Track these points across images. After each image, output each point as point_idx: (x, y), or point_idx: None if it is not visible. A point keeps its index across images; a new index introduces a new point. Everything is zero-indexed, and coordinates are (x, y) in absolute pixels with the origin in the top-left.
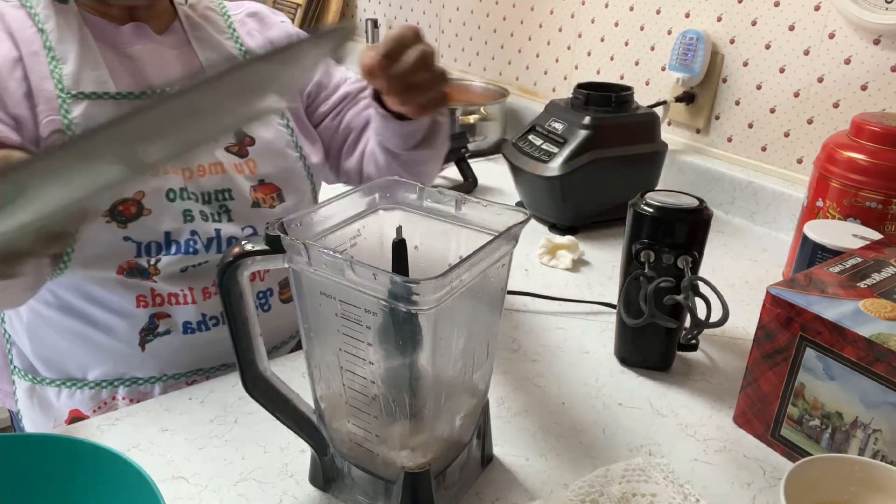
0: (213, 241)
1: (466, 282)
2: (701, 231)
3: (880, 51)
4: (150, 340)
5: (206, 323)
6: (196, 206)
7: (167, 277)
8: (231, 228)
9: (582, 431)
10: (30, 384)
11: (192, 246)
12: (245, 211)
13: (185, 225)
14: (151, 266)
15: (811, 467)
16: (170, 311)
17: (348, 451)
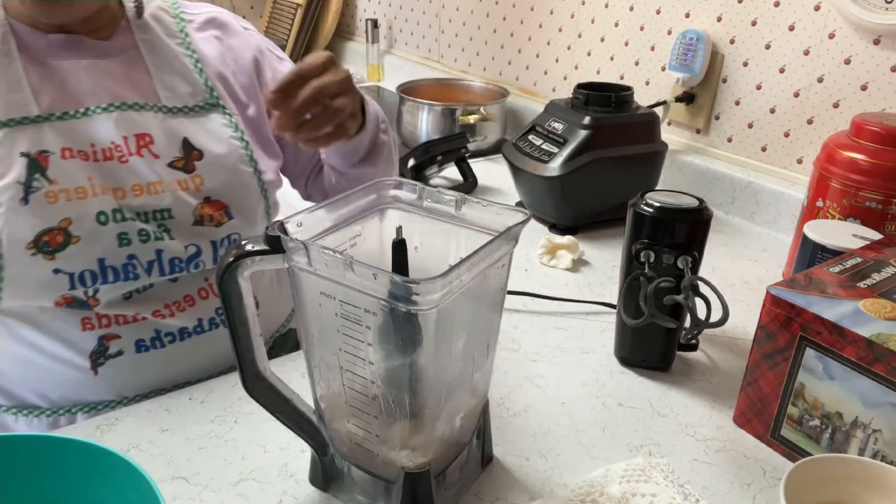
0: (155, 264)
1: (466, 282)
2: (701, 231)
3: (880, 51)
4: (101, 363)
5: (160, 340)
6: (133, 225)
7: (110, 305)
8: (173, 247)
9: (582, 431)
10: None
11: (132, 271)
12: (187, 229)
13: (120, 249)
14: (90, 298)
15: (811, 467)
16: (119, 331)
17: (348, 451)
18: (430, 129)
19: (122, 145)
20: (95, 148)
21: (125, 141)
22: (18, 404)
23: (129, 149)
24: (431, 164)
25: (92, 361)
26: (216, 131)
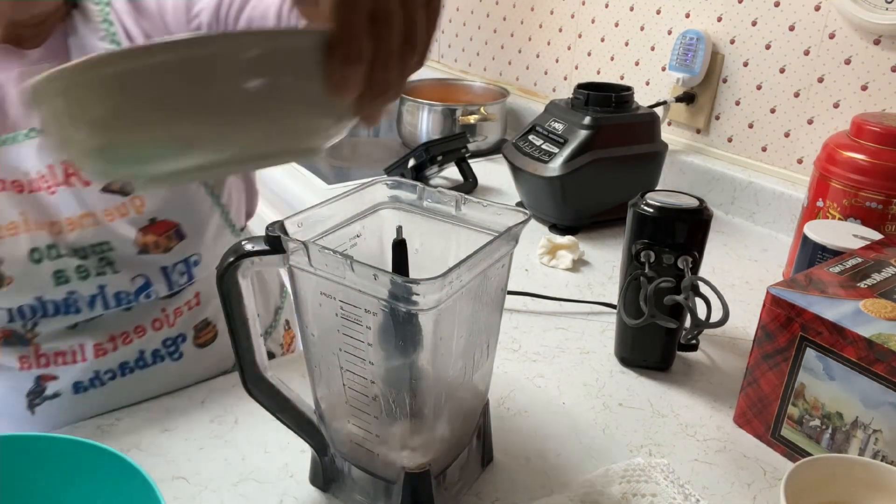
0: (98, 298)
1: (466, 282)
2: (701, 231)
3: (880, 51)
4: (38, 404)
5: (100, 379)
6: (70, 262)
7: (50, 337)
8: (118, 281)
9: (582, 431)
10: None
11: (73, 305)
12: (131, 260)
13: (58, 287)
14: (28, 331)
15: (811, 467)
16: (56, 371)
17: (348, 452)
18: (431, 130)
19: (48, 174)
20: (30, 177)
21: (50, 170)
22: None
23: (55, 178)
24: (431, 164)
25: (28, 401)
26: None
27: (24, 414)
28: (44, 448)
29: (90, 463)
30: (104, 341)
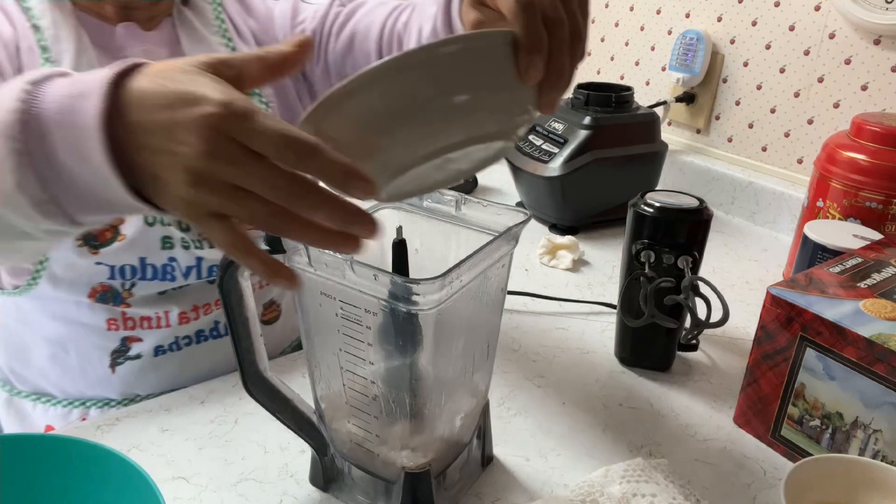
0: (193, 269)
1: (467, 282)
2: (701, 231)
3: (880, 51)
4: (120, 363)
5: (178, 344)
6: (177, 232)
7: (141, 301)
8: (214, 255)
9: (582, 431)
10: (7, 395)
11: (170, 273)
12: None
13: (163, 251)
14: (125, 290)
15: (811, 467)
16: (141, 334)
17: (348, 452)
18: None
19: None
20: None
21: None
22: (36, 391)
23: None
24: None
25: (111, 360)
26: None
27: (105, 371)
28: (44, 448)
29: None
30: (188, 310)
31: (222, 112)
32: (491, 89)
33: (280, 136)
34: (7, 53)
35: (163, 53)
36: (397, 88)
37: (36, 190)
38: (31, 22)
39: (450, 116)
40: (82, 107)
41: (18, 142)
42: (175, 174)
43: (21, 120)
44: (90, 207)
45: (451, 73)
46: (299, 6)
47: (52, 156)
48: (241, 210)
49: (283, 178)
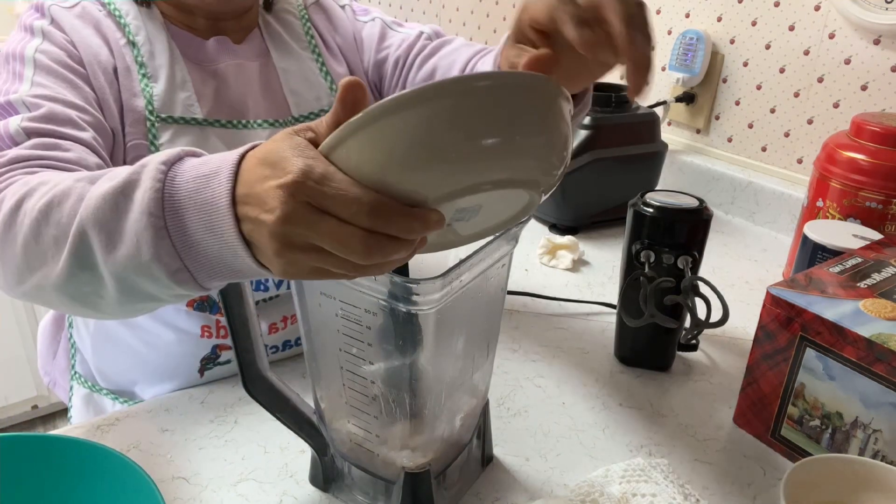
0: (284, 280)
1: (466, 282)
2: (701, 231)
3: (880, 51)
4: (209, 368)
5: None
6: None
7: None
8: None
9: (582, 431)
10: (88, 391)
11: (263, 283)
12: None
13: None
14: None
15: (811, 467)
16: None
17: (348, 452)
18: None
19: None
20: None
21: None
22: (119, 390)
23: None
24: None
25: (201, 365)
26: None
27: (193, 375)
28: (44, 448)
29: (90, 463)
30: (277, 321)
31: (299, 178)
32: (522, 131)
33: (351, 199)
34: (106, 78)
35: (254, 66)
36: (426, 114)
37: (171, 260)
38: (129, 38)
39: (476, 154)
40: (213, 187)
41: (158, 218)
42: (263, 239)
43: (159, 199)
44: (219, 275)
45: (483, 110)
46: (387, 32)
47: (185, 229)
48: (329, 266)
49: (355, 237)
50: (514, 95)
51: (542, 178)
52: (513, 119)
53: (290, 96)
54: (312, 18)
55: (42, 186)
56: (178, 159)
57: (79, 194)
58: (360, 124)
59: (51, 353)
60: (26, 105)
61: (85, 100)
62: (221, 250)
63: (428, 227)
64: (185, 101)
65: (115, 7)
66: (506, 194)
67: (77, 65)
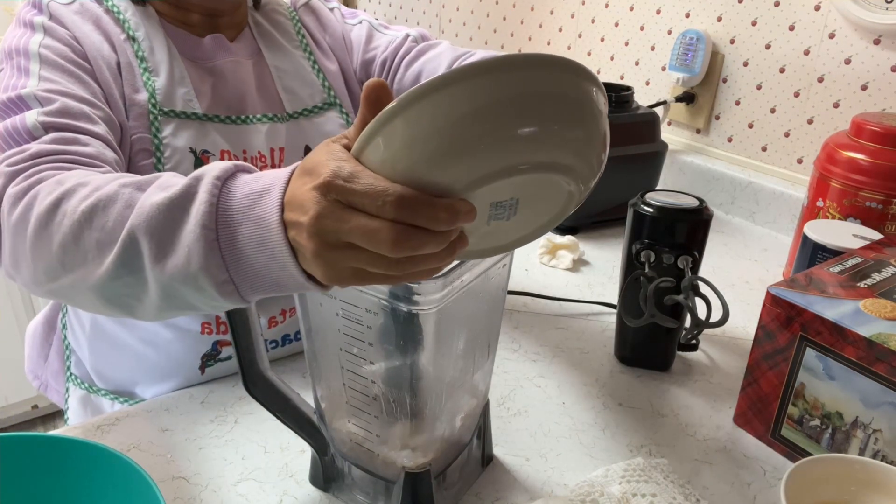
0: None
1: (467, 282)
2: (701, 231)
3: (880, 51)
4: (210, 365)
5: (266, 346)
6: None
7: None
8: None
9: (582, 431)
10: (85, 392)
11: None
12: None
13: None
14: None
15: (811, 467)
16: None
17: (349, 451)
18: None
19: (268, 157)
20: (246, 155)
21: (271, 153)
22: (118, 390)
23: (273, 161)
24: None
25: (202, 362)
26: (334, 133)
27: (195, 372)
28: (44, 448)
29: (90, 463)
30: (276, 314)
31: (329, 178)
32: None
33: (378, 193)
34: (111, 73)
35: (248, 63)
36: (441, 102)
37: (219, 272)
38: (129, 33)
39: (491, 135)
40: (265, 203)
41: (210, 231)
42: (303, 241)
43: (213, 212)
44: (262, 288)
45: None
46: (374, 34)
47: (236, 243)
48: (365, 265)
49: (383, 229)
50: (524, 74)
51: (575, 162)
52: (529, 99)
53: (284, 94)
54: (303, 19)
55: (81, 188)
56: (231, 175)
57: (126, 201)
58: (383, 121)
59: (42, 355)
60: (38, 100)
61: (93, 94)
62: (269, 264)
63: (456, 217)
64: (185, 97)
65: (112, 4)
66: (540, 185)
67: (82, 60)
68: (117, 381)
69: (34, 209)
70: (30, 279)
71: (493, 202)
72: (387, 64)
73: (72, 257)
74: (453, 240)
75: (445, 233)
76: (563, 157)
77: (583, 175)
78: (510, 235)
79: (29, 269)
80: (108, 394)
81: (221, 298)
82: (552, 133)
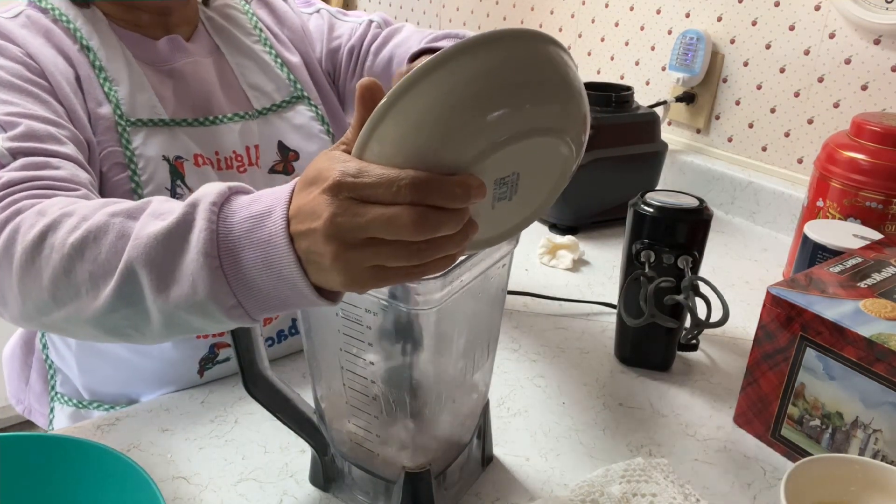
0: None
1: (467, 282)
2: (701, 231)
3: (880, 51)
4: (209, 368)
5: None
6: None
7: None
8: None
9: (582, 431)
10: (74, 409)
11: None
12: None
13: None
14: None
15: (811, 467)
16: (230, 339)
17: (349, 451)
18: None
19: (244, 156)
20: (219, 156)
21: (247, 151)
22: (112, 403)
23: (249, 159)
24: None
25: (200, 366)
26: (306, 126)
27: (193, 376)
28: (45, 448)
29: (90, 463)
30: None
31: (338, 178)
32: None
33: (391, 180)
34: (71, 88)
35: (208, 62)
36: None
37: (226, 298)
38: (82, 42)
39: (486, 106)
40: (268, 225)
41: (213, 258)
42: (319, 247)
43: (214, 239)
44: (271, 307)
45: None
46: (335, 23)
47: (241, 267)
48: (386, 260)
49: (402, 213)
50: (498, 46)
51: (564, 124)
52: (508, 67)
53: (250, 90)
54: (257, 13)
55: (66, 219)
56: (227, 199)
57: (118, 231)
58: (379, 116)
59: (22, 378)
60: (1, 125)
61: (56, 114)
62: (277, 284)
63: (469, 191)
64: (148, 104)
65: (59, 13)
66: (536, 154)
67: (39, 78)
68: (112, 394)
69: (17, 243)
70: (19, 315)
71: (497, 179)
72: (354, 52)
73: (64, 292)
74: (466, 222)
75: (461, 212)
76: (550, 115)
77: (572, 131)
78: (514, 217)
79: (17, 305)
80: (101, 406)
81: (230, 321)
82: (538, 94)
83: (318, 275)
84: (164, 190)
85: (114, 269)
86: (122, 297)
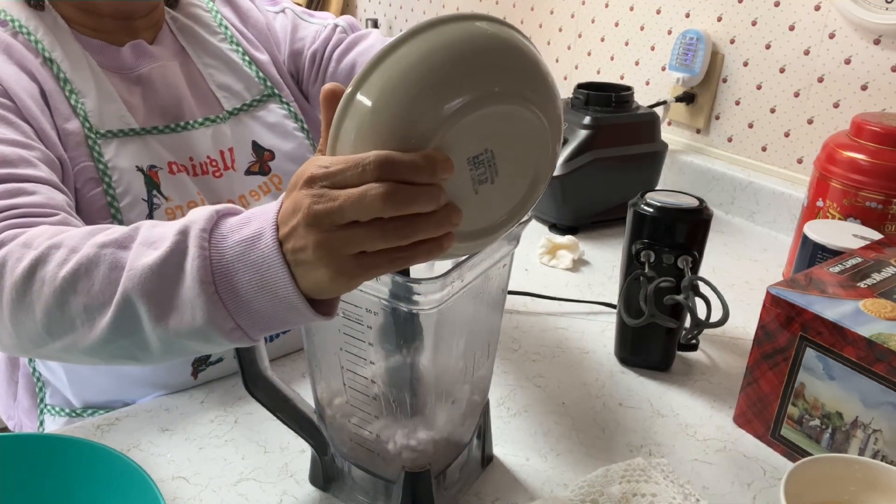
0: None
1: (468, 282)
2: (701, 231)
3: (880, 51)
4: (202, 370)
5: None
6: None
7: None
8: None
9: (582, 431)
10: (66, 419)
11: None
12: None
13: None
14: None
15: (811, 467)
16: None
17: (349, 451)
18: None
19: (219, 160)
20: (194, 162)
21: (221, 155)
22: (106, 406)
23: (224, 163)
24: None
25: (194, 368)
26: (280, 125)
27: (187, 378)
28: (45, 448)
29: (90, 463)
30: None
31: (311, 172)
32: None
33: (356, 163)
34: (37, 106)
35: (174, 65)
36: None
37: (225, 322)
38: (44, 55)
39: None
40: (260, 247)
41: (209, 284)
42: (301, 240)
43: (207, 266)
44: (270, 327)
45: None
46: (299, 23)
47: (236, 291)
48: (367, 243)
49: (371, 190)
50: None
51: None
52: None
53: (219, 91)
54: (221, 12)
55: (55, 251)
56: (216, 223)
57: (110, 263)
58: (342, 112)
59: (10, 394)
60: None
61: (25, 135)
62: (273, 304)
63: (434, 164)
64: (117, 113)
65: (20, 24)
66: (506, 127)
67: (3, 98)
68: (106, 402)
69: (6, 277)
70: (12, 346)
71: (469, 157)
72: (317, 57)
73: (58, 325)
74: (447, 206)
75: (432, 188)
76: (502, 79)
77: (535, 98)
78: (504, 205)
79: (10, 338)
80: (95, 412)
81: (230, 343)
82: (485, 60)
83: (307, 274)
84: (140, 201)
85: (109, 300)
86: (120, 327)
